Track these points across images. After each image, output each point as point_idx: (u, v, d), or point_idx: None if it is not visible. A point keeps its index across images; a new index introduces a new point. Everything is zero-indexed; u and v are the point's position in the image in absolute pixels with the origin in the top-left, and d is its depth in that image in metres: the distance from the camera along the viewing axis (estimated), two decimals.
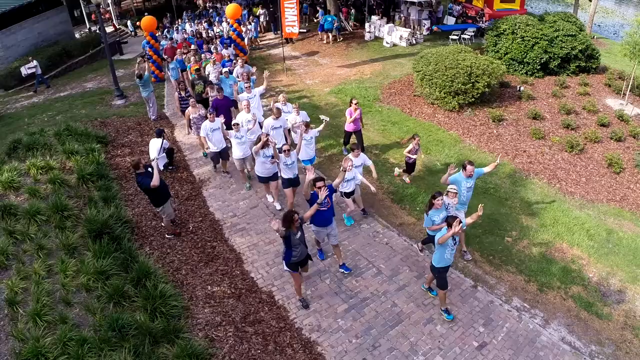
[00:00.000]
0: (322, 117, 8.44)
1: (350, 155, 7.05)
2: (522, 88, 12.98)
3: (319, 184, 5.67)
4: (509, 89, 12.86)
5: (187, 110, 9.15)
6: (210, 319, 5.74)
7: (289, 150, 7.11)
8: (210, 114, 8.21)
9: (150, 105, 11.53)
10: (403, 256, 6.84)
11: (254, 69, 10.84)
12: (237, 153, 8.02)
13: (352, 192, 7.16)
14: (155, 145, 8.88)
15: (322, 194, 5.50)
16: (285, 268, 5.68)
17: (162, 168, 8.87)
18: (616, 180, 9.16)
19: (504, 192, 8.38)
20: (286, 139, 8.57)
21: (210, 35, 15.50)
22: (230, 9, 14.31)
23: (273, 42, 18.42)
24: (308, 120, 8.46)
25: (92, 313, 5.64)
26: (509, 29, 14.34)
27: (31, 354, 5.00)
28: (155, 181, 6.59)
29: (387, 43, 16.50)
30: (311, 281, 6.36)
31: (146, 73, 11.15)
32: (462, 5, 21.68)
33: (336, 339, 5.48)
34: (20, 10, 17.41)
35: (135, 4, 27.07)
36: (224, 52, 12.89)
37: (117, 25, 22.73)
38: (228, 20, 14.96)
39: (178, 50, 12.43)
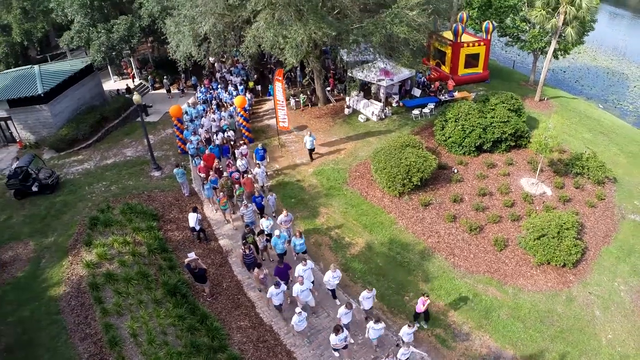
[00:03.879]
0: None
1: (405, 328, 11.54)
2: (455, 170, 19.80)
3: None
4: (446, 171, 19.68)
5: (255, 272, 13.42)
6: (240, 340, 12.71)
7: None
8: (276, 285, 12.21)
9: (184, 187, 18.49)
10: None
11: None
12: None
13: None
14: (192, 218, 15.84)
15: None
16: None
17: (197, 227, 15.65)
18: (496, 256, 15.92)
19: (413, 265, 15.29)
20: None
21: (229, 135, 20.82)
22: (238, 100, 21.13)
23: (270, 110, 25.21)
24: (375, 291, 12.77)
25: (180, 339, 12.58)
26: (453, 117, 21.12)
27: None
28: (204, 270, 13.56)
29: (361, 118, 23.31)
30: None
31: (183, 170, 18.06)
32: (431, 70, 28.34)
33: (304, 350, 12.40)
34: (65, 82, 24.18)
35: (148, 49, 33.54)
36: (256, 170, 17.71)
37: (139, 80, 29.56)
38: (234, 107, 21.59)
39: (211, 172, 17.59)
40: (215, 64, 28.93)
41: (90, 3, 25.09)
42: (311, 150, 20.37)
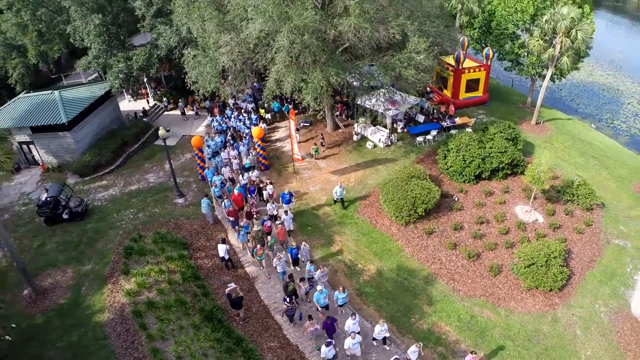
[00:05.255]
0: None
1: None
2: (456, 198, 22.69)
3: None
4: (448, 199, 22.57)
5: (306, 324, 15.44)
6: (272, 359, 15.58)
7: None
8: (327, 345, 14.18)
9: (208, 216, 21.20)
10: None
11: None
12: None
13: None
14: (222, 249, 18.57)
15: None
16: None
17: (226, 257, 18.36)
18: (491, 281, 18.86)
19: (418, 289, 18.20)
20: None
21: (257, 176, 22.85)
22: (255, 131, 23.84)
23: (283, 135, 27.87)
24: (422, 344, 14.80)
25: None
26: (454, 147, 23.99)
27: None
28: (241, 297, 16.33)
29: (369, 145, 26.12)
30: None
31: (209, 200, 20.77)
32: (434, 92, 31.19)
33: None
34: (86, 109, 26.72)
35: (163, 71, 35.94)
36: (284, 216, 19.80)
37: (153, 100, 32.14)
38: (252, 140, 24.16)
39: (244, 218, 19.96)
40: (228, 89, 31.54)
41: (106, 30, 27.55)
42: (341, 200, 21.64)
